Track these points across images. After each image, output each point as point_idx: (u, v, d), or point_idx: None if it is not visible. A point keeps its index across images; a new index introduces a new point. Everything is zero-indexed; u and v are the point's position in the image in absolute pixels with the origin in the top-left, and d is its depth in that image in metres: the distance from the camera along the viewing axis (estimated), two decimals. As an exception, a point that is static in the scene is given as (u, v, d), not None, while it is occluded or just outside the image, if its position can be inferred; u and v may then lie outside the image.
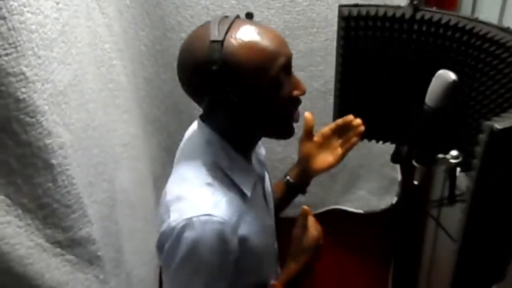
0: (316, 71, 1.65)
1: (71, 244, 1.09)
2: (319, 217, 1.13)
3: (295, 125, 1.04)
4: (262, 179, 1.15)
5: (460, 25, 1.02)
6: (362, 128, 1.18)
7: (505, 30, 0.97)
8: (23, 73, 0.90)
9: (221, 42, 0.90)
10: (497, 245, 0.85)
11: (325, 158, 1.23)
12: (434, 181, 1.84)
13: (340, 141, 1.22)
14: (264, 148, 1.22)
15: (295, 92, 0.99)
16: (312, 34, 1.61)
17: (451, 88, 0.94)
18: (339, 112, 1.23)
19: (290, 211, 1.29)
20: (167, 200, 0.97)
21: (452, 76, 0.94)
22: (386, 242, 1.94)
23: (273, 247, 1.19)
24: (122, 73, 1.43)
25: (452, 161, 1.01)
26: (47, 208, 1.03)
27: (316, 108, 1.63)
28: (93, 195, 1.16)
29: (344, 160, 1.79)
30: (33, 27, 0.93)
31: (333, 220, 1.85)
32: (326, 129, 1.22)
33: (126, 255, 1.35)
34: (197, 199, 0.95)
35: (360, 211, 1.89)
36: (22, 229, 0.99)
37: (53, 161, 1.01)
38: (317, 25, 1.60)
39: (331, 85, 1.26)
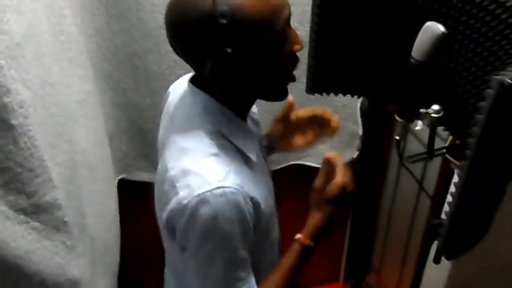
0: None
1: (36, 210, 1.01)
2: (282, 171, 1.12)
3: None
4: (260, 139, 1.12)
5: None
6: (338, 128, 1.19)
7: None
8: (-24, 23, 0.80)
9: None
10: (490, 200, 0.85)
11: (295, 140, 1.23)
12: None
13: (312, 127, 1.22)
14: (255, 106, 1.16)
15: (296, 47, 0.94)
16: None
17: (440, 41, 0.91)
18: (314, 66, 1.18)
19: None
20: (172, 175, 0.90)
21: (441, 28, 0.91)
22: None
23: (275, 207, 1.14)
24: (72, 24, 1.31)
25: (434, 115, 1.00)
26: (9, 172, 0.94)
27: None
28: (55, 158, 1.08)
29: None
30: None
31: (295, 175, 1.85)
32: (303, 113, 1.20)
33: (89, 219, 1.27)
34: (206, 171, 0.89)
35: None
36: (-18, 197, 0.91)
37: (14, 122, 0.92)
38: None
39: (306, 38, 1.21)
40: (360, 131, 1.79)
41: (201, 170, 0.89)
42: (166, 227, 0.94)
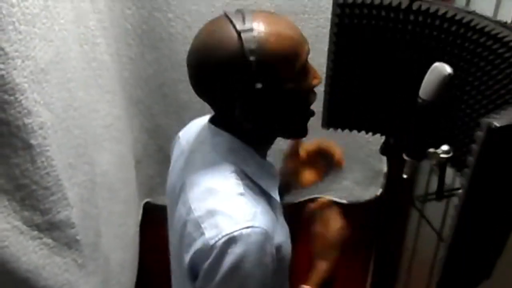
0: (305, 58, 1.63)
1: (49, 227, 1.05)
2: (303, 205, 1.12)
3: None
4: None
5: (457, 17, 0.99)
6: (342, 162, 1.19)
7: (503, 24, 0.95)
8: (2, 49, 0.87)
9: (251, 30, 0.85)
10: (488, 242, 0.84)
11: (310, 175, 1.23)
12: (419, 175, 1.83)
13: (322, 160, 1.22)
14: None
15: (315, 81, 0.96)
16: (303, 20, 1.58)
17: (447, 82, 0.92)
18: (329, 101, 1.20)
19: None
20: (196, 216, 0.89)
21: (448, 69, 0.92)
22: (368, 233, 1.93)
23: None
24: (105, 52, 1.39)
25: (443, 156, 0.99)
26: (25, 189, 0.99)
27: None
28: (73, 178, 1.12)
29: (330, 149, 1.79)
30: (14, 1, 0.89)
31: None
32: (311, 148, 1.21)
33: (104, 239, 1.31)
34: (234, 211, 0.87)
35: (344, 201, 1.87)
36: (-2, 211, 0.96)
37: (32, 142, 0.97)
38: (308, 11, 1.56)
39: (320, 73, 1.23)
40: (385, 168, 1.78)
41: (228, 210, 0.87)
42: (189, 270, 0.91)
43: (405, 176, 1.05)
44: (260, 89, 0.86)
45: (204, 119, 1.04)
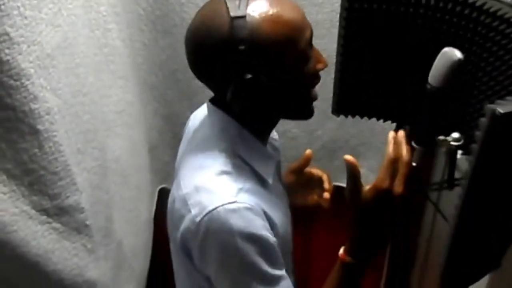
0: (320, 44, 1.59)
1: (58, 212, 1.06)
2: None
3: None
4: (278, 164, 1.09)
5: (470, 0, 0.96)
6: (328, 202, 1.13)
7: (517, 7, 0.92)
8: (7, 34, 0.87)
9: (244, 17, 0.82)
10: (494, 232, 0.82)
11: (308, 196, 1.17)
12: (435, 163, 1.80)
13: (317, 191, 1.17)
14: (276, 132, 1.16)
15: (319, 65, 0.93)
16: (317, 5, 1.56)
17: (457, 67, 0.89)
18: (339, 88, 1.18)
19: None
20: (184, 194, 0.88)
21: (458, 54, 0.89)
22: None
23: (291, 236, 1.07)
24: (118, 38, 1.39)
25: (453, 143, 0.96)
26: (33, 174, 1.00)
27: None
28: (82, 163, 1.13)
29: (345, 136, 1.77)
30: (19, -15, 0.89)
31: (333, 196, 1.82)
32: (315, 173, 1.17)
33: (116, 224, 1.33)
34: (218, 188, 0.86)
35: (360, 188, 1.85)
36: (7, 195, 0.97)
37: (39, 127, 0.98)
38: (323, -5, 1.54)
39: (334, 59, 1.21)
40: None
41: (213, 187, 0.87)
42: (182, 247, 0.90)
43: (414, 164, 1.03)
44: (252, 78, 0.83)
45: None
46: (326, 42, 1.59)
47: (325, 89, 1.38)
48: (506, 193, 0.76)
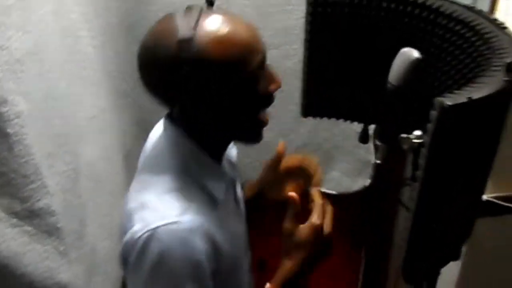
0: (290, 50, 1.64)
1: (29, 215, 1.07)
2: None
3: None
4: (234, 182, 1.07)
5: (427, 3, 1.00)
6: (320, 184, 1.12)
7: (470, 9, 0.96)
8: (-25, 38, 0.88)
9: (191, 39, 0.81)
10: (452, 223, 0.85)
11: (287, 189, 1.15)
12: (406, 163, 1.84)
13: (301, 178, 1.15)
14: (236, 148, 1.15)
15: (271, 87, 0.90)
16: (288, 12, 1.59)
17: (414, 66, 0.92)
18: (307, 90, 1.21)
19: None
20: (130, 208, 0.88)
21: (415, 54, 0.92)
22: (358, 223, 1.94)
23: (246, 254, 1.09)
24: (89, 45, 1.40)
25: (415, 140, 1.00)
26: (3, 177, 1.01)
27: (289, 86, 1.61)
28: (53, 167, 1.14)
29: (318, 140, 1.80)
30: (-13, -9, 0.90)
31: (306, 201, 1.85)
32: (292, 163, 1.17)
33: (90, 228, 1.33)
34: (162, 206, 0.85)
35: (333, 192, 1.89)
36: (-24, 198, 0.98)
37: (9, 130, 0.99)
38: (292, 2, 1.57)
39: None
40: (373, 159, 1.79)
41: (158, 205, 0.86)
42: (121, 260, 0.89)
43: (377, 161, 1.06)
44: (198, 99, 0.84)
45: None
46: (296, 48, 1.63)
47: (297, 95, 1.42)
48: (460, 183, 0.79)
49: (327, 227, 0.95)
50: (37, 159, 1.06)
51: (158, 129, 1.03)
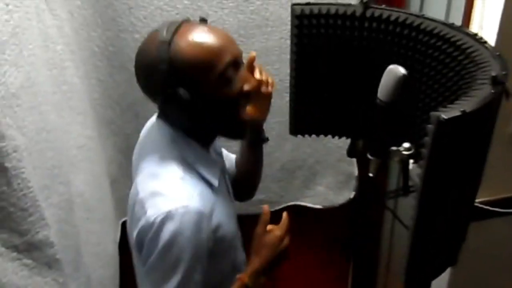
0: (272, 70, 1.67)
1: (29, 248, 1.07)
2: (279, 213, 1.15)
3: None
4: (223, 169, 1.21)
5: (408, 21, 1.05)
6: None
7: (450, 26, 1.01)
8: (-27, 75, 0.89)
9: (168, 42, 0.96)
10: (449, 231, 0.89)
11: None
12: (389, 174, 1.89)
13: None
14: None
15: (246, 86, 1.03)
16: (266, 33, 1.63)
17: (402, 82, 0.97)
18: (294, 109, 1.25)
19: (251, 208, 1.34)
20: (141, 197, 1.00)
21: (401, 70, 0.97)
22: (345, 236, 1.98)
23: (238, 232, 1.23)
24: (75, 75, 1.41)
25: (405, 153, 1.04)
26: (3, 212, 1.01)
27: (272, 105, 1.65)
28: (49, 198, 1.15)
29: (302, 156, 1.84)
30: (-18, 28, 0.91)
31: (293, 216, 1.88)
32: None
33: (85, 258, 1.33)
34: (172, 193, 0.99)
35: (319, 206, 1.92)
36: (-24, 235, 0.97)
37: (7, 164, 0.99)
38: (271, 24, 1.62)
39: (287, 83, 1.28)
40: (356, 172, 1.83)
41: (168, 192, 0.99)
42: (137, 245, 1.01)
43: (371, 174, 1.10)
44: (176, 94, 0.97)
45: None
46: (277, 68, 1.67)
47: (280, 113, 1.45)
48: (457, 192, 0.83)
49: (287, 237, 1.15)
50: (35, 192, 1.06)
51: (148, 127, 1.18)
